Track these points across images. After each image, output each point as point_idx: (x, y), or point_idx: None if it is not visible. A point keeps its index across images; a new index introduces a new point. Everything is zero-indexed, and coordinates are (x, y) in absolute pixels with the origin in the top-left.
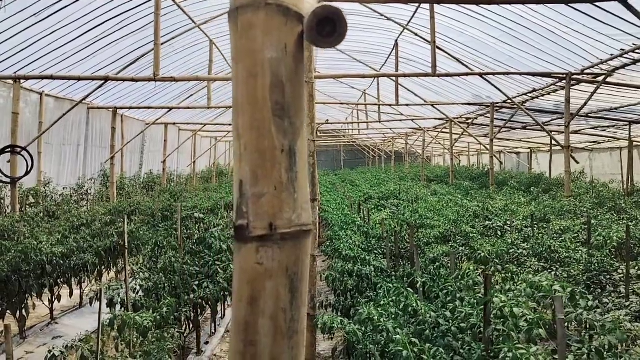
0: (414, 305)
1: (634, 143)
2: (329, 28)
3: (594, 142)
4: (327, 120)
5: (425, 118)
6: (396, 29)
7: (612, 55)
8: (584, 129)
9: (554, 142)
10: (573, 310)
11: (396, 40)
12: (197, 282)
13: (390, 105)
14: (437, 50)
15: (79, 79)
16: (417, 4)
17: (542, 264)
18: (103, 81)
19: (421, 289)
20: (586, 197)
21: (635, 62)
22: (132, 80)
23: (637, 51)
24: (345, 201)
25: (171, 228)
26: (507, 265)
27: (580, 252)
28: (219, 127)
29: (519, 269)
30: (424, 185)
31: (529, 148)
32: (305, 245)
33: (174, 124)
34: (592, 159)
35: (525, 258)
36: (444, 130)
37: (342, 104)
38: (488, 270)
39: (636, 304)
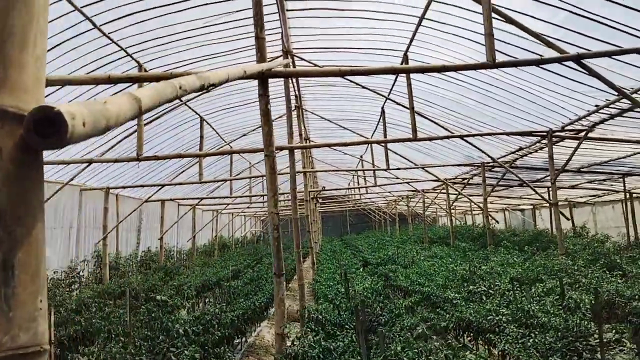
0: None
1: (634, 195)
2: (53, 128)
3: (594, 195)
4: (324, 187)
5: (419, 180)
6: (381, 97)
7: (588, 111)
8: (580, 184)
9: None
10: None
11: (382, 107)
12: None
13: (383, 169)
14: (417, 116)
15: (63, 162)
16: (395, 74)
17: (521, 331)
18: (87, 164)
19: None
20: (582, 254)
21: (612, 116)
22: (116, 161)
23: (611, 106)
24: (338, 270)
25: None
26: (488, 335)
27: (559, 316)
28: (218, 200)
29: (497, 337)
30: (423, 248)
31: (532, 204)
32: None
33: (171, 199)
34: (594, 213)
35: (505, 325)
36: (442, 191)
37: (337, 170)
38: (427, 345)
39: None
